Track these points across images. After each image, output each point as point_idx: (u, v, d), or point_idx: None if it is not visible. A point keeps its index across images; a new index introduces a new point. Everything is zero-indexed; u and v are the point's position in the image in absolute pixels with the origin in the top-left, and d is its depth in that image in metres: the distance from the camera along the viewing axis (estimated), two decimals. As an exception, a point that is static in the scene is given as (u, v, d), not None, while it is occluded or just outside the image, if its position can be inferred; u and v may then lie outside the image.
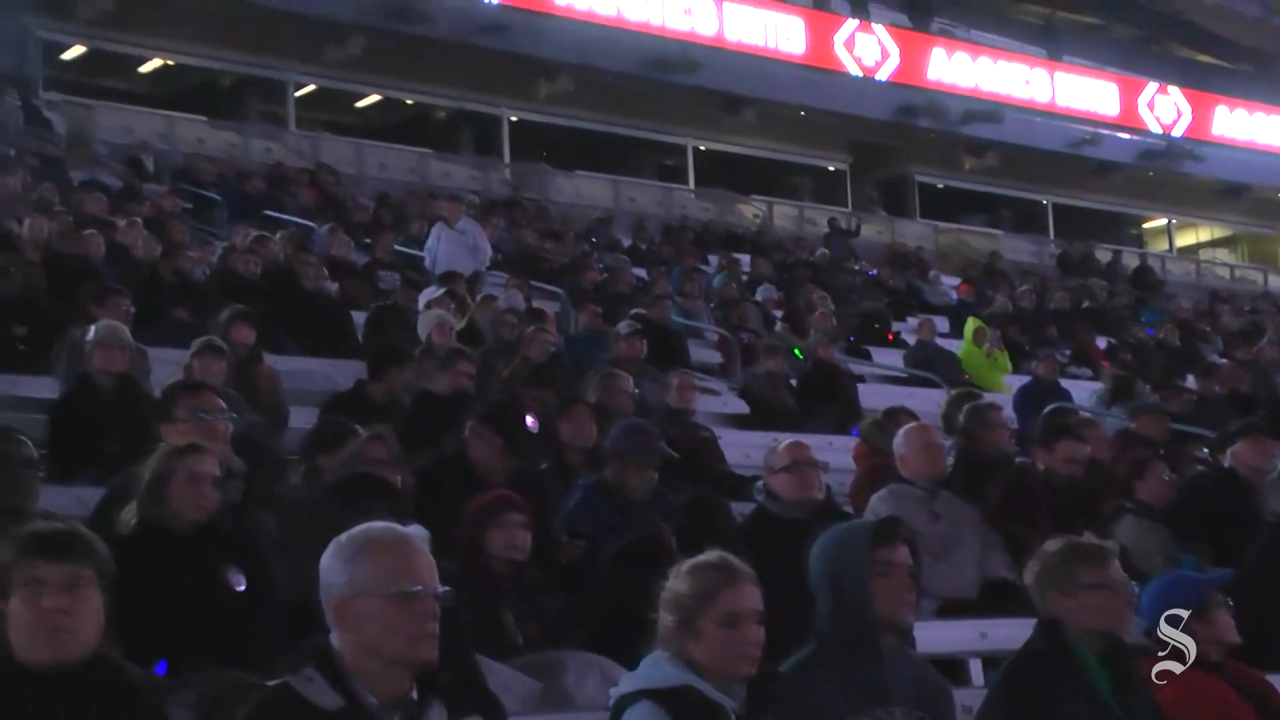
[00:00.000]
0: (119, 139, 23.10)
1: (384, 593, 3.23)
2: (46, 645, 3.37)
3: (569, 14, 27.17)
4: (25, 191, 15.47)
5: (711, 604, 3.70)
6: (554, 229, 21.79)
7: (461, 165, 27.84)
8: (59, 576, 3.40)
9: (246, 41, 25.56)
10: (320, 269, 13.11)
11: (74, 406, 7.90)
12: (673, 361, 11.28)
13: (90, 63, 26.37)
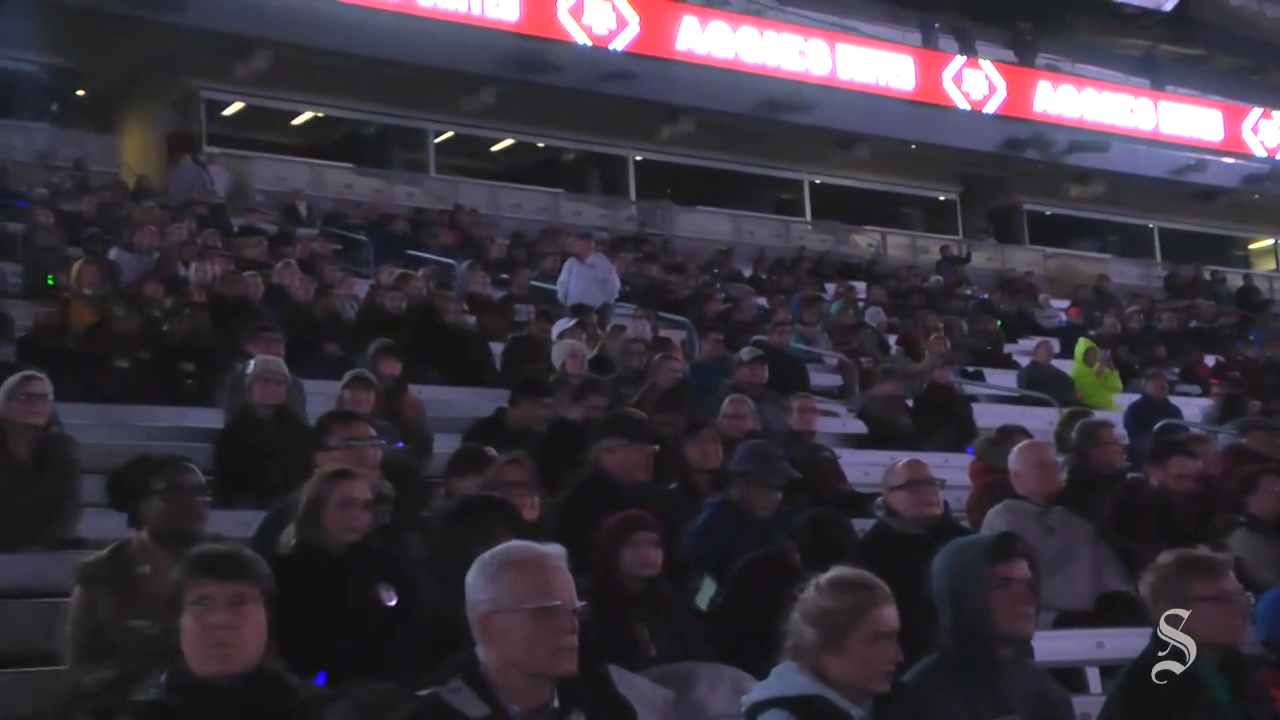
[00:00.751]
0: (274, 187, 23.63)
1: (524, 608, 3.24)
2: (214, 659, 3.42)
3: (689, 58, 27.23)
4: (191, 238, 15.85)
5: (860, 621, 3.64)
6: (678, 262, 21.82)
7: (590, 204, 28.02)
8: (225, 595, 3.45)
9: (389, 94, 25.97)
10: (460, 304, 13.26)
11: (236, 436, 8.04)
12: (793, 386, 11.21)
13: (248, 118, 26.95)
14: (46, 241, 14.13)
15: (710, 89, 27.01)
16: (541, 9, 26.06)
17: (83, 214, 17.08)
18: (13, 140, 22.04)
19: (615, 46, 26.57)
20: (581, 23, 26.28)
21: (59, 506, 6.45)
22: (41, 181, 18.97)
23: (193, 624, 3.43)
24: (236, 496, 7.48)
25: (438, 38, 24.50)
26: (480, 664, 3.27)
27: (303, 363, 10.09)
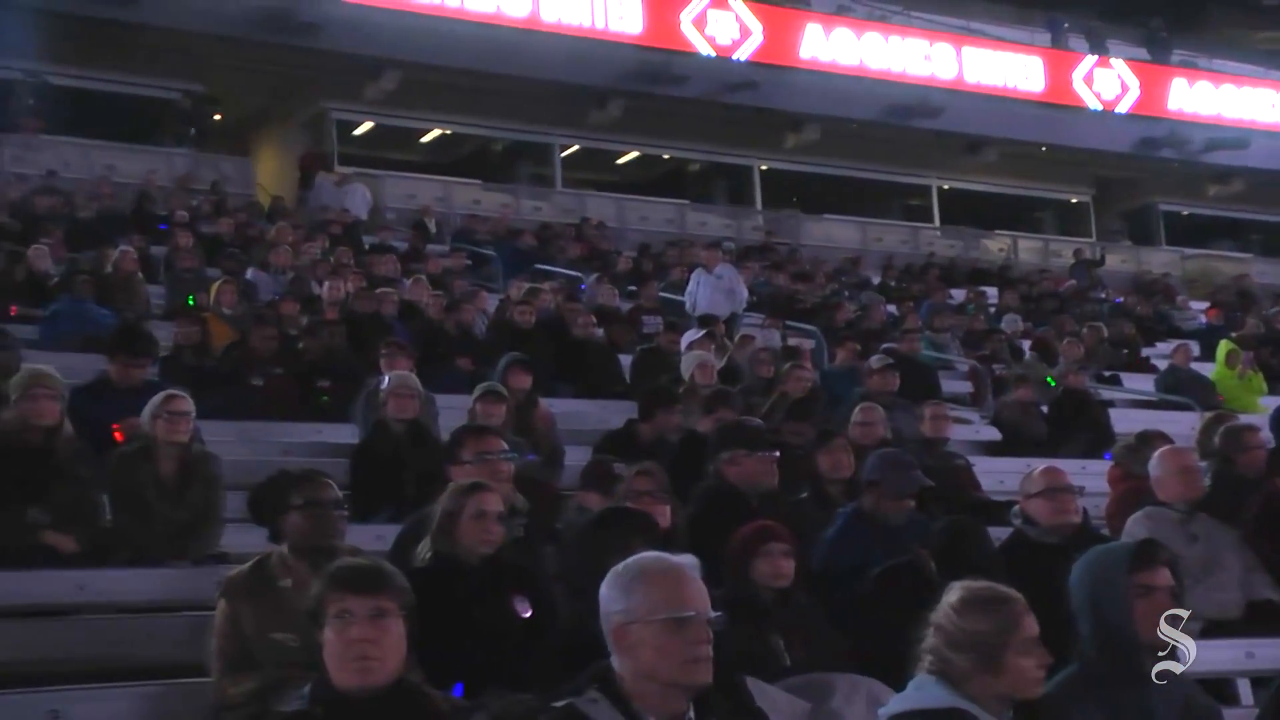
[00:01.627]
0: (404, 205, 24.00)
1: (658, 618, 3.24)
2: (355, 672, 3.47)
3: (814, 66, 27.12)
4: (325, 257, 16.16)
5: (1012, 639, 3.57)
6: (806, 270, 21.72)
7: (716, 214, 28.01)
8: (365, 609, 3.49)
9: (515, 110, 26.22)
10: (588, 317, 13.33)
11: (371, 451, 8.16)
12: (924, 393, 11.08)
13: (377, 137, 27.42)
14: (186, 263, 14.50)
15: (835, 96, 26.88)
16: (665, 21, 26.13)
17: (220, 235, 17.50)
18: (154, 165, 22.66)
19: (739, 56, 26.54)
20: (705, 33, 26.31)
21: (203, 522, 6.60)
22: (181, 205, 19.47)
23: (334, 638, 3.47)
24: (372, 510, 7.59)
25: (562, 52, 24.70)
26: (615, 675, 3.27)
27: (435, 377, 10.21)
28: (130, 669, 5.54)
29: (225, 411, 9.30)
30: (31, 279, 12.95)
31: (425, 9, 24.12)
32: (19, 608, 5.90)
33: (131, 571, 6.27)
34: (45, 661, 5.56)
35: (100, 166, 21.91)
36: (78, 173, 21.51)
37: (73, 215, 17.51)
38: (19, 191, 18.44)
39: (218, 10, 22.50)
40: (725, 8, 26.56)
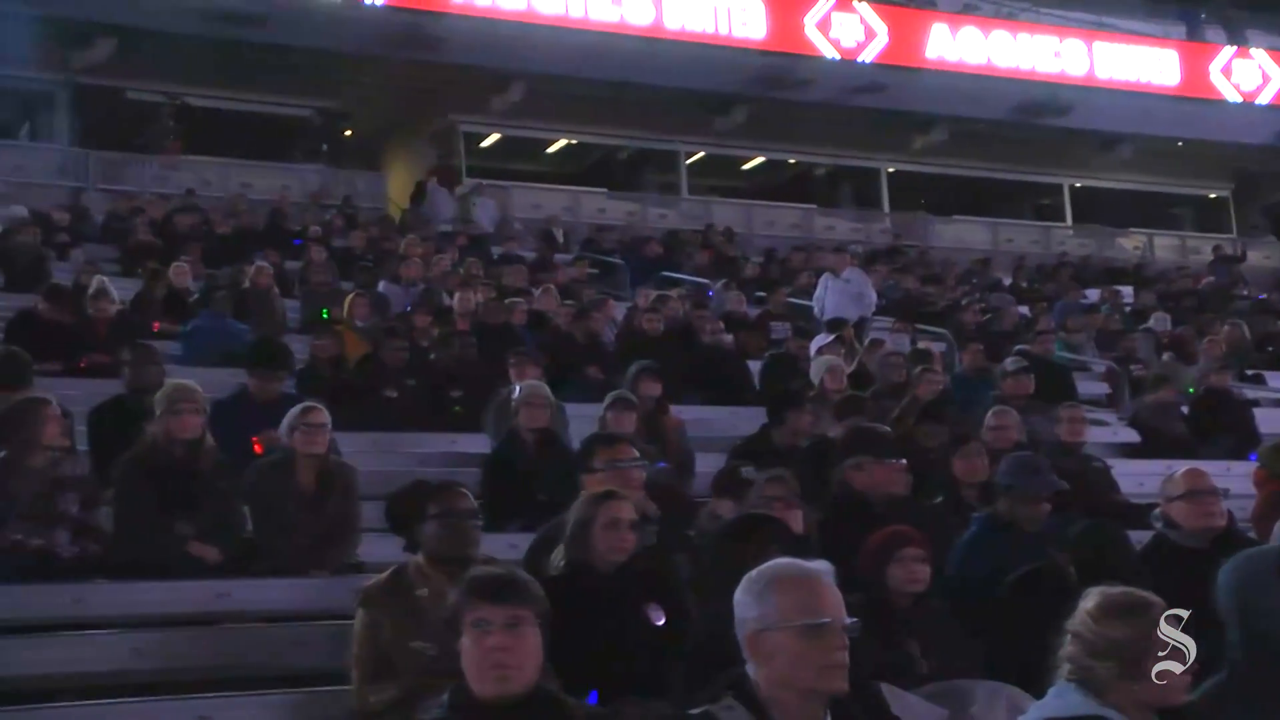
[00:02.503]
0: (531, 215, 24.22)
1: (793, 625, 3.23)
2: (493, 681, 3.49)
3: (940, 66, 26.84)
4: (455, 268, 16.37)
5: (1155, 644, 3.51)
6: (935, 273, 21.52)
7: (843, 218, 27.87)
8: (502, 617, 3.51)
9: (640, 119, 26.32)
10: (717, 323, 13.33)
11: (503, 460, 8.23)
12: (1060, 395, 10.89)
13: (504, 149, 27.71)
14: (320, 278, 14.77)
15: (963, 96, 26.57)
16: (789, 25, 26.06)
17: (353, 249, 17.81)
18: (288, 182, 23.17)
19: (864, 58, 26.37)
20: (829, 36, 26.18)
21: (342, 532, 6.71)
22: (314, 220, 19.86)
23: (472, 646, 3.51)
24: (505, 519, 7.65)
25: (686, 59, 24.74)
26: (751, 682, 3.27)
27: (565, 386, 10.28)
28: (273, 677, 5.67)
29: (359, 423, 9.45)
30: (173, 296, 13.28)
31: (549, 20, 24.32)
32: (166, 617, 6.07)
33: (273, 581, 6.41)
34: (192, 669, 5.72)
35: (236, 184, 22.46)
36: (216, 191, 22.09)
37: (211, 233, 17.94)
38: (161, 210, 18.95)
39: (347, 28, 22.94)
40: (850, 10, 26.40)
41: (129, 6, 21.48)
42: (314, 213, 20.69)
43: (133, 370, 8.08)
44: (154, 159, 22.99)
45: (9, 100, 25.01)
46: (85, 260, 15.24)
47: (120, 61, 22.55)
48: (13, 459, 6.25)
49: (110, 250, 17.02)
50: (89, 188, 21.41)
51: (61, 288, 11.46)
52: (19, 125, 25.29)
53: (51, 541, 6.17)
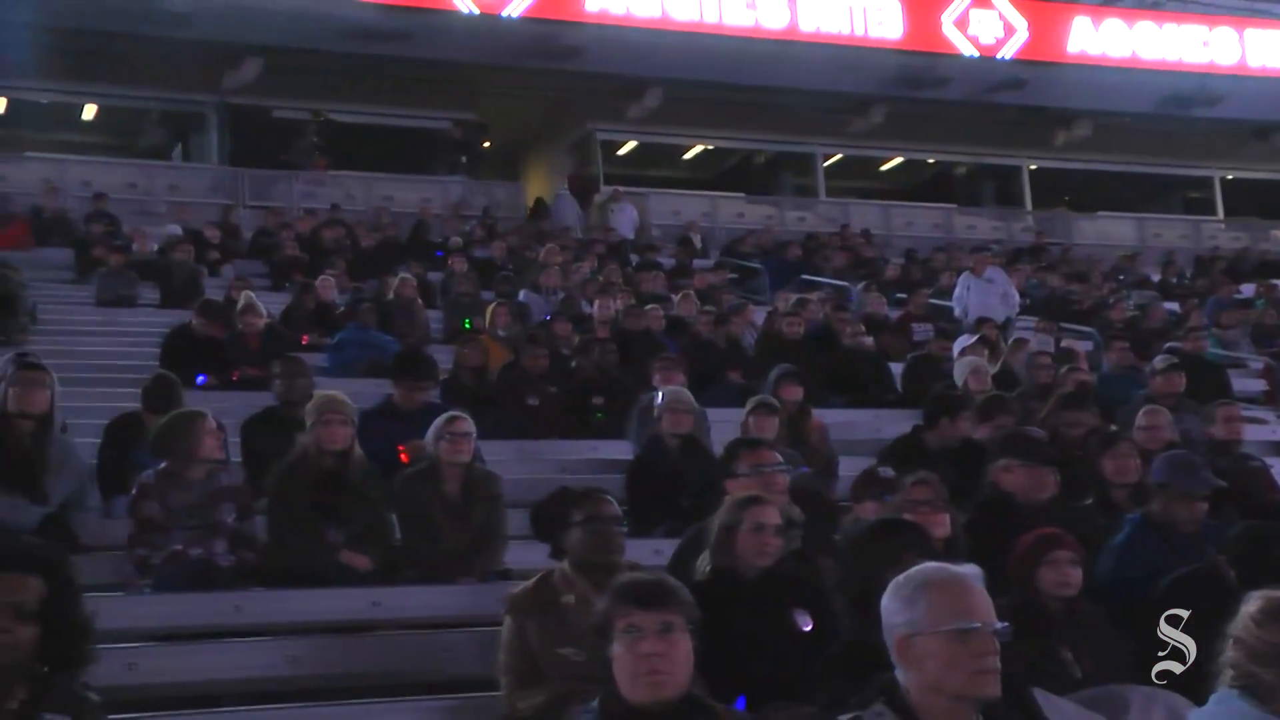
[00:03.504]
0: (669, 221, 24.29)
1: (943, 630, 3.19)
2: (646, 687, 3.50)
3: (1082, 60, 26.37)
4: (594, 276, 16.47)
5: None
6: (1080, 271, 21.11)
7: (984, 217, 27.50)
8: (654, 624, 3.52)
9: (776, 122, 26.26)
10: (858, 326, 13.23)
11: (647, 466, 8.25)
12: (1213, 394, 10.59)
13: (640, 156, 27.82)
14: (462, 288, 14.96)
15: (1107, 90, 26.06)
16: (925, 23, 25.80)
17: (493, 259, 18.02)
18: (429, 194, 23.54)
19: (1004, 55, 26.00)
20: (967, 34, 25.86)
21: (488, 540, 6.78)
22: (455, 231, 20.14)
23: (624, 653, 3.51)
24: (649, 525, 7.67)
25: (822, 61, 24.64)
26: (901, 688, 3.24)
27: (706, 391, 10.27)
28: (424, 683, 5.75)
29: (503, 431, 9.56)
30: (320, 309, 13.55)
31: (684, 26, 24.39)
32: (319, 624, 6.19)
33: (423, 589, 6.50)
34: (344, 676, 5.82)
35: (379, 198, 22.87)
36: (359, 205, 22.54)
37: (355, 246, 18.28)
38: (307, 225, 19.36)
39: (485, 41, 23.23)
40: (988, 6, 26.06)
41: (275, 27, 22.01)
42: (455, 224, 20.98)
43: (283, 383, 8.26)
44: (300, 175, 23.51)
45: (164, 123, 25.83)
46: (235, 276, 15.62)
47: (267, 81, 23.13)
48: (172, 471, 6.43)
49: (259, 265, 17.43)
50: (239, 205, 21.96)
51: (213, 303, 11.76)
52: (172, 146, 26.07)
53: (210, 551, 6.34)
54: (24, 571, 3.41)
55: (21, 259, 15.39)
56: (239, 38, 22.42)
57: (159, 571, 6.24)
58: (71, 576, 3.54)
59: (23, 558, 3.47)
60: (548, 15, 23.74)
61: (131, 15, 21.32)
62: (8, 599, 3.35)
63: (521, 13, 23.61)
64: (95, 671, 3.63)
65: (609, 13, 24.17)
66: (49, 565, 3.47)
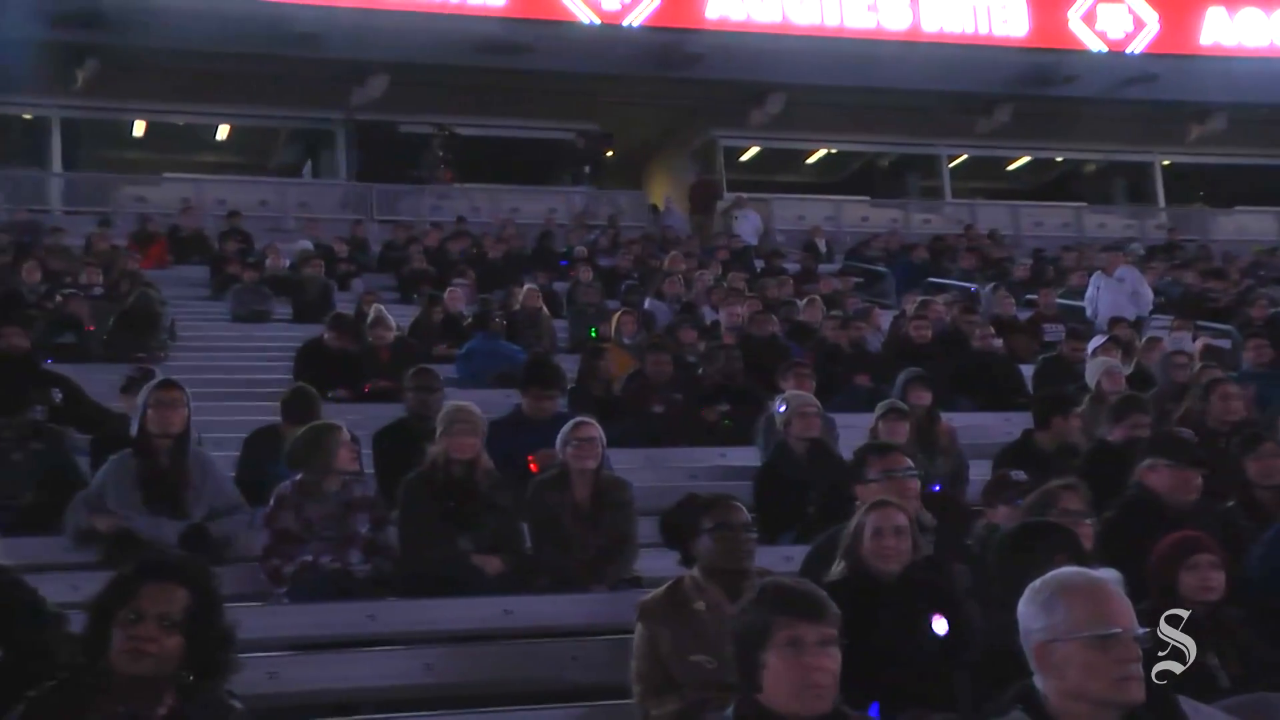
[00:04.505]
0: (793, 226, 24.21)
1: (1083, 636, 3.13)
2: (810, 699, 3.44)
3: (1216, 51, 25.81)
4: (718, 283, 16.45)
5: None
6: (1217, 268, 20.59)
7: (1115, 215, 27.05)
8: (815, 636, 3.47)
9: (900, 124, 26.06)
10: (986, 328, 13.05)
11: (775, 472, 8.21)
12: (1359, 391, 10.28)
13: (763, 161, 27.75)
14: (588, 297, 15.05)
15: (1244, 82, 25.46)
16: (1052, 20, 25.44)
17: (618, 268, 18.08)
18: (554, 204, 23.73)
19: (1133, 49, 25.54)
20: (1095, 29, 25.43)
21: (619, 547, 6.80)
22: (580, 241, 20.26)
23: (784, 664, 3.45)
24: (778, 531, 7.63)
25: (946, 61, 24.41)
26: (1040, 695, 3.18)
27: (832, 396, 10.20)
28: (556, 691, 5.77)
29: (630, 439, 9.58)
30: (448, 320, 13.72)
31: (805, 30, 24.31)
32: (453, 633, 6.25)
33: (554, 597, 6.54)
34: (478, 684, 5.87)
35: (505, 209, 23.11)
36: (485, 216, 22.81)
37: (482, 257, 18.48)
38: (435, 238, 19.61)
39: (607, 51, 23.37)
40: (1117, 1, 25.58)
41: (400, 43, 22.37)
42: (579, 233, 21.11)
43: (415, 394, 8.35)
44: (427, 189, 23.84)
45: (294, 141, 26.38)
46: (365, 289, 15.86)
47: (393, 97, 23.51)
48: (308, 483, 6.55)
49: (388, 279, 17.70)
50: (368, 219, 22.33)
51: (344, 317, 11.96)
52: (303, 164, 26.61)
53: (346, 561, 6.44)
54: (170, 582, 3.49)
55: (161, 277, 15.80)
56: (365, 55, 22.83)
57: (294, 582, 6.36)
58: (213, 588, 3.62)
59: (167, 570, 3.56)
60: (668, 24, 23.82)
61: (262, 37, 21.82)
62: (154, 610, 3.43)
63: (642, 22, 23.71)
64: (238, 680, 3.71)
65: (729, 19, 24.17)
66: (192, 577, 3.56)
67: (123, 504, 6.67)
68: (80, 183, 23.50)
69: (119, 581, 3.54)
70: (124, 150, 26.25)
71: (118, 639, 3.42)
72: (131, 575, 3.53)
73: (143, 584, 3.48)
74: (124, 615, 3.43)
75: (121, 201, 22.29)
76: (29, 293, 13.66)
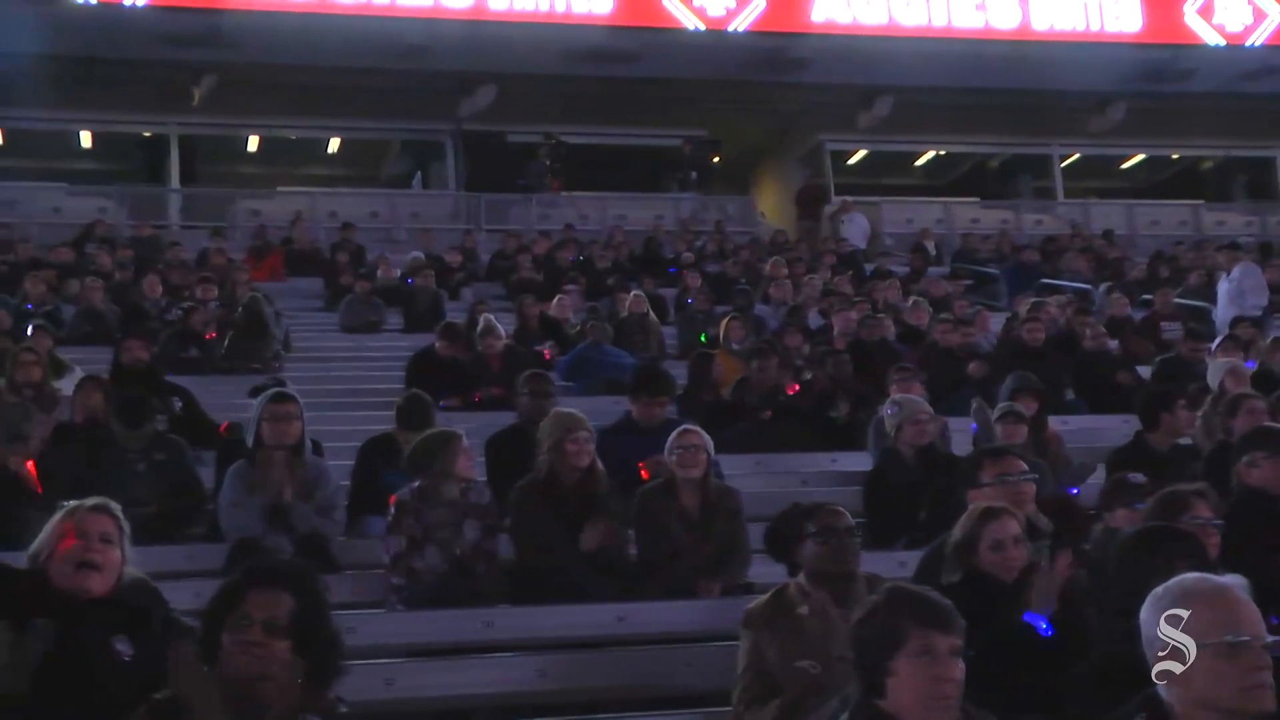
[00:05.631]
0: (902, 229, 24.01)
1: (1209, 643, 3.07)
2: (939, 711, 3.45)
3: (1333, 42, 25.16)
4: (826, 287, 16.38)
5: None
6: (1342, 264, 20.03)
7: (1234, 212, 26.46)
8: (946, 646, 3.47)
9: (1010, 124, 25.74)
10: (1099, 329, 12.84)
11: (885, 477, 8.14)
12: None
13: (871, 164, 27.57)
14: (696, 303, 15.05)
15: (1373, 70, 24.78)
16: (1166, 15, 24.99)
17: (726, 273, 18.06)
18: (661, 211, 23.76)
19: (1254, 41, 24.99)
20: (1212, 22, 24.93)
21: (729, 554, 6.79)
22: (687, 247, 20.27)
23: (914, 673, 3.45)
24: (890, 537, 7.56)
25: (1056, 60, 24.06)
26: (1164, 703, 3.13)
27: (945, 400, 10.09)
28: (668, 697, 5.77)
29: (739, 445, 9.56)
30: (556, 328, 13.77)
31: (912, 31, 24.11)
32: (566, 640, 6.28)
33: (667, 604, 6.54)
34: (591, 690, 5.89)
35: (612, 217, 23.18)
36: (593, 224, 22.90)
37: (590, 265, 18.55)
38: (543, 247, 19.74)
39: (713, 57, 23.36)
40: (1235, -7, 25.10)
41: (507, 54, 22.55)
42: (686, 239, 21.11)
43: (529, 399, 8.39)
44: (535, 197, 24.00)
45: (405, 152, 26.72)
46: (475, 299, 16.00)
47: (500, 107, 23.70)
48: (427, 490, 6.62)
49: (497, 288, 17.83)
50: (477, 229, 22.52)
51: (455, 326, 12.07)
52: (412, 175, 26.93)
53: (462, 567, 6.50)
54: (275, 588, 3.55)
55: (275, 289, 16.07)
56: (473, 66, 23.05)
57: (412, 588, 6.43)
58: (320, 592, 3.67)
59: (274, 575, 3.62)
60: (774, 28, 23.75)
61: (372, 51, 22.13)
62: (261, 615, 3.49)
63: (747, 27, 23.66)
64: (355, 686, 3.76)
65: (835, 22, 24.05)
66: (299, 582, 3.61)
67: (241, 513, 6.82)
68: (197, 198, 23.99)
69: (227, 588, 3.61)
70: (239, 165, 26.78)
71: (227, 644, 3.48)
72: (239, 582, 3.60)
73: (249, 590, 3.54)
74: (233, 621, 3.50)
75: (237, 215, 22.71)
76: (150, 306, 13.96)
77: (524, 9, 23.14)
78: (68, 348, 12.18)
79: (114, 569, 4.46)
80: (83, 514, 4.50)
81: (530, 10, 23.20)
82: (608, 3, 23.39)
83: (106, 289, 14.67)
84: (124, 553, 4.53)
